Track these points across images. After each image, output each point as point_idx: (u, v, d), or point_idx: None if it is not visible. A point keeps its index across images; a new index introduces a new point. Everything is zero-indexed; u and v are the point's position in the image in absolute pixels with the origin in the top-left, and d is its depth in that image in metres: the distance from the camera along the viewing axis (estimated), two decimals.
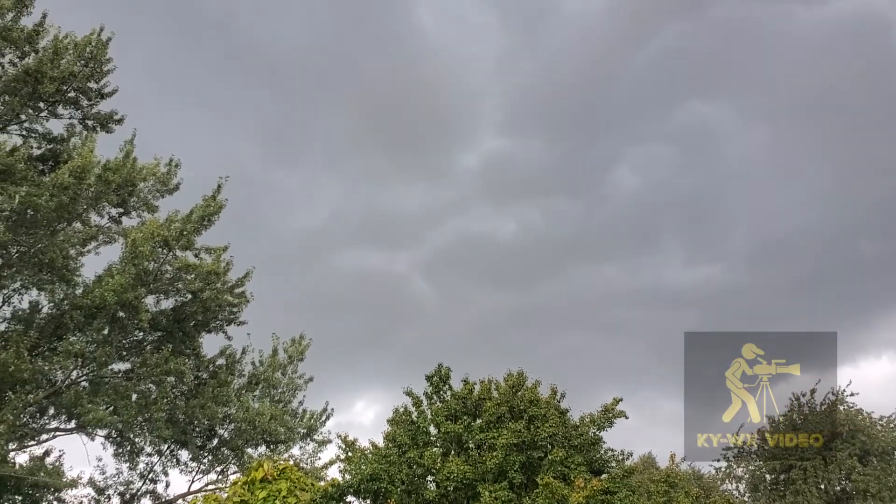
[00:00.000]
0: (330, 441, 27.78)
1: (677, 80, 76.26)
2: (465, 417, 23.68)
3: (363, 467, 22.05)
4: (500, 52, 76.55)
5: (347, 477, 22.19)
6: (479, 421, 23.71)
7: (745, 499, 33.99)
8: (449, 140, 78.31)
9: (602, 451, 25.05)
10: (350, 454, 23.04)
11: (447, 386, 24.47)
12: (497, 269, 74.22)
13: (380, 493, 21.72)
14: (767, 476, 33.39)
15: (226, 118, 69.06)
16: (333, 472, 26.63)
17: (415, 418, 23.69)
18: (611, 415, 24.87)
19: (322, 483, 23.50)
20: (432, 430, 23.79)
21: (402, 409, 23.94)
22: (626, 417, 25.27)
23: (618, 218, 75.43)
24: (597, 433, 24.64)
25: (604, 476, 23.97)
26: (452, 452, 23.35)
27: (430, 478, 23.24)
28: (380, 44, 72.90)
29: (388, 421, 23.81)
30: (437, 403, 24.18)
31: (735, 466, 34.25)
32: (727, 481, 35.05)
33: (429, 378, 24.31)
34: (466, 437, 23.33)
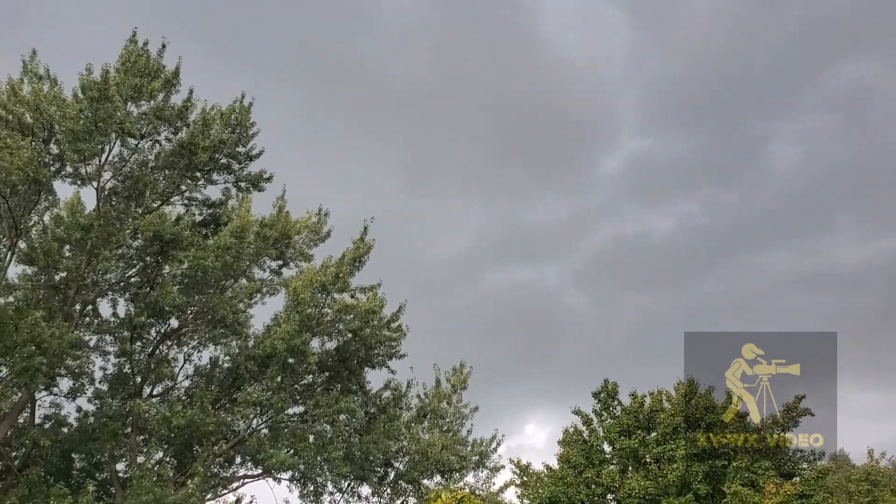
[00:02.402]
0: (503, 467, 27.78)
1: (820, 43, 71.03)
2: (639, 432, 23.04)
3: (540, 491, 21.86)
4: (630, 48, 74.49)
5: (526, 502, 22.02)
6: (653, 434, 23.00)
7: None
8: (588, 146, 76.97)
9: (790, 453, 23.65)
10: (525, 478, 22.92)
11: (615, 401, 23.93)
12: (654, 269, 71.61)
13: None
14: None
15: (366, 157, 70.96)
16: (509, 496, 26.55)
17: (586, 437, 23.29)
18: (794, 413, 23.47)
19: None
20: (606, 447, 23.31)
21: (572, 429, 23.59)
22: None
23: (779, 199, 70.95)
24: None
25: (796, 479, 22.61)
26: (630, 468, 22.74)
27: (610, 496, 22.73)
28: (506, 59, 72.93)
29: (559, 442, 23.58)
30: (608, 420, 23.67)
31: None
32: None
33: (596, 395, 23.84)
34: (643, 452, 22.63)
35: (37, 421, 25.59)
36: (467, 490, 24.63)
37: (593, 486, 22.39)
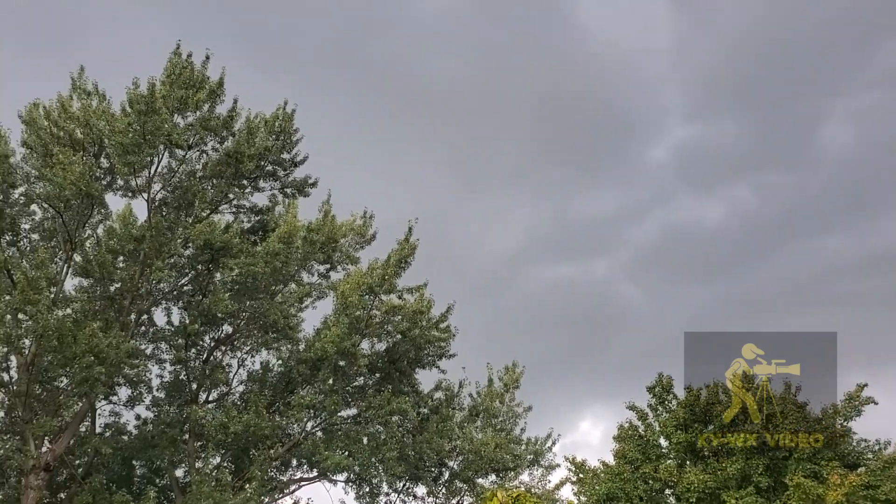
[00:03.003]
0: (558, 465, 27.61)
1: (872, 18, 68.64)
2: (696, 425, 22.68)
3: (597, 487, 21.65)
4: (673, 34, 72.73)
5: (582, 499, 21.85)
6: (710, 427, 22.64)
7: None
8: (634, 136, 75.63)
9: (854, 443, 23.06)
10: (581, 475, 22.75)
11: (671, 395, 23.61)
12: (706, 258, 70.06)
13: None
14: None
15: (410, 157, 70.74)
16: (565, 494, 26.37)
17: (642, 432, 23.02)
18: (857, 402, 22.88)
19: None
20: (662, 441, 23.01)
21: (627, 425, 23.35)
22: (876, 403, 23.11)
23: (834, 180, 68.74)
24: (844, 424, 22.76)
25: (861, 470, 22.03)
26: (688, 462, 22.42)
27: (668, 491, 22.42)
28: (548, 52, 72.02)
29: (614, 438, 23.33)
30: (664, 414, 23.36)
31: None
32: None
33: (650, 389, 23.55)
34: (701, 445, 22.30)
35: (98, 430, 26.23)
36: (523, 488, 24.51)
37: (651, 482, 22.11)
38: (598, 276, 70.97)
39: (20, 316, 21.85)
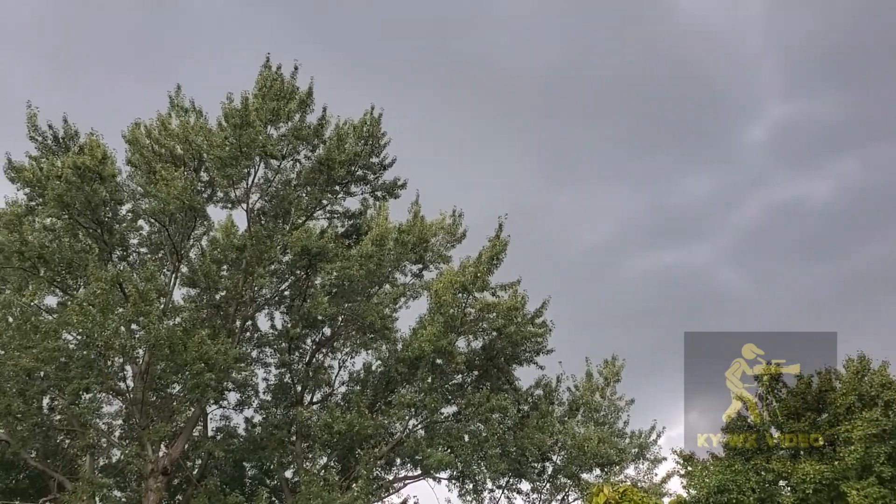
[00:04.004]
0: (664, 458, 27.07)
1: None
2: (809, 414, 21.83)
3: (707, 480, 21.08)
4: (768, 7, 69.88)
5: (692, 492, 21.32)
6: (824, 415, 21.73)
7: None
8: (730, 117, 73.02)
9: None
10: (690, 468, 22.21)
11: (780, 383, 22.81)
12: (812, 237, 66.90)
13: None
14: None
15: (500, 154, 70.16)
16: (674, 487, 25.83)
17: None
18: None
19: (665, 500, 22.78)
20: (774, 431, 22.24)
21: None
22: None
23: None
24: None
25: None
26: (802, 453, 21.60)
27: (782, 482, 21.63)
28: (637, 36, 70.01)
29: (722, 429, 22.69)
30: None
31: None
32: None
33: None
34: (814, 435, 21.44)
35: (210, 433, 27.29)
36: (629, 483, 24.13)
37: (763, 473, 21.39)
38: (698, 263, 68.79)
39: (133, 327, 22.89)
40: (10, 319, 23.15)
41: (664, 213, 69.82)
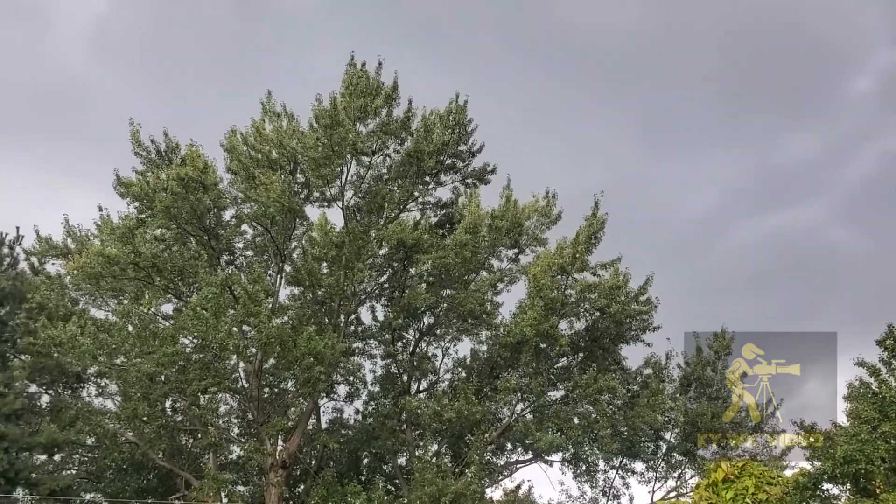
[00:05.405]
0: (783, 431, 26.17)
1: None
2: None
3: (832, 451, 20.16)
4: None
5: (816, 463, 20.46)
6: None
7: None
8: (834, 68, 69.07)
9: None
10: (812, 439, 21.32)
11: None
12: None
13: (859, 475, 19.58)
14: None
15: (594, 127, 68.32)
16: (795, 459, 24.90)
17: (876, 389, 21.22)
18: None
19: (788, 473, 21.99)
20: None
21: (857, 382, 21.64)
22: None
23: None
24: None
25: None
26: None
27: None
28: None
29: (844, 398, 21.66)
30: None
31: None
32: None
33: (880, 342, 21.63)
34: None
35: (323, 426, 28.10)
36: (747, 457, 23.43)
37: (893, 441, 20.30)
38: (809, 224, 65.56)
39: (244, 327, 23.76)
40: (131, 328, 24.43)
41: (770, 173, 66.72)
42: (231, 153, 26.22)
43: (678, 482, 27.14)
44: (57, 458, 23.99)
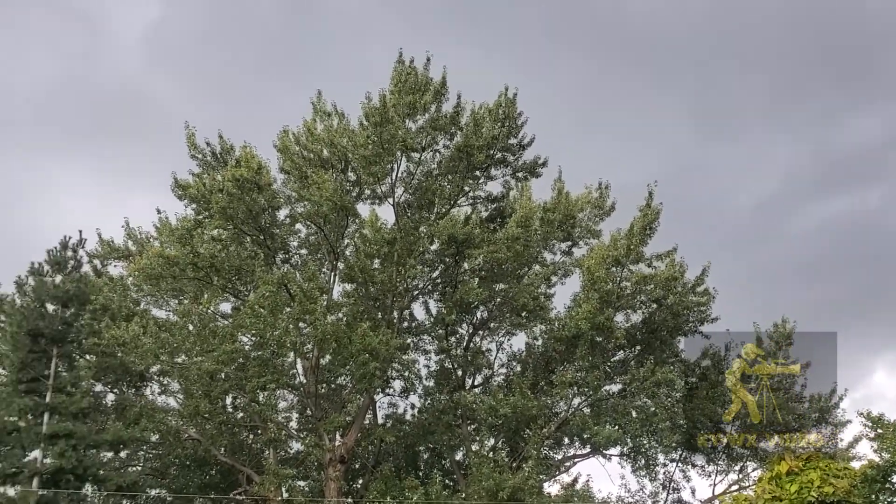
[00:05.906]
0: (849, 422, 25.44)
1: None
2: None
3: None
4: None
5: (885, 455, 19.86)
6: None
7: None
8: (894, 44, 66.32)
9: None
10: (880, 430, 20.68)
11: None
12: None
13: None
14: None
15: (647, 115, 66.68)
16: (863, 451, 24.17)
17: None
18: None
19: (855, 465, 21.37)
20: None
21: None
22: None
23: None
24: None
25: None
26: None
27: None
28: None
29: None
30: None
31: None
32: None
33: None
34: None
35: (379, 421, 28.31)
36: (811, 450, 22.80)
37: None
38: (873, 207, 63.33)
39: (301, 325, 24.08)
40: (191, 327, 24.97)
41: (831, 157, 64.61)
42: (284, 153, 26.56)
43: (740, 475, 26.62)
44: (123, 454, 24.63)
